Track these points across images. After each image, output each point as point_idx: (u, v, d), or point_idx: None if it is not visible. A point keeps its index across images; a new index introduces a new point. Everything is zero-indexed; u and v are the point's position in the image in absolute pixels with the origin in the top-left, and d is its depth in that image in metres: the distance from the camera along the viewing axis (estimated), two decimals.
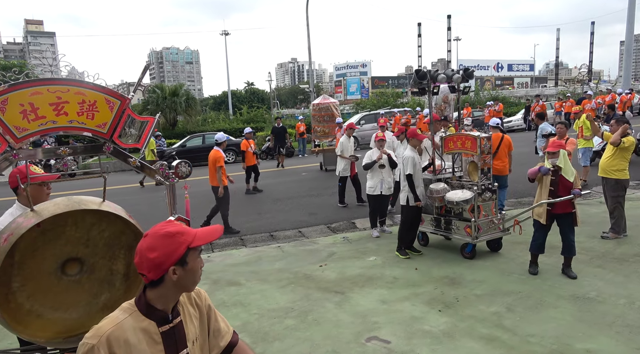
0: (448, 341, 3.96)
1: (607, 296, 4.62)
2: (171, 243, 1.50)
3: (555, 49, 61.66)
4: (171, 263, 1.49)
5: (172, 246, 1.50)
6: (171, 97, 26.32)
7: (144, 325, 1.53)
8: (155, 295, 1.54)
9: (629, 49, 25.99)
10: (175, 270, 1.50)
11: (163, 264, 1.49)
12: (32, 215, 2.39)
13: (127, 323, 1.51)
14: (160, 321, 1.56)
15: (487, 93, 34.44)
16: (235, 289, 5.49)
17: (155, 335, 1.54)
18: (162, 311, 1.56)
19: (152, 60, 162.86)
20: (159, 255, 1.48)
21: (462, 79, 6.47)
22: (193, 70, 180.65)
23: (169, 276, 1.50)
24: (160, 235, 1.51)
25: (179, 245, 1.50)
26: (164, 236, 1.51)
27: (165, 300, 1.56)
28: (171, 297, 1.57)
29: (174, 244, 1.50)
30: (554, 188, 5.17)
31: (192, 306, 1.71)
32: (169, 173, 2.88)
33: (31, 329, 2.47)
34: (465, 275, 5.43)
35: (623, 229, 6.43)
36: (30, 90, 2.49)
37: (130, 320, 1.52)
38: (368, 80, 73.17)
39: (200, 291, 1.76)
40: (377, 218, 7.55)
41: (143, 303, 1.55)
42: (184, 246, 1.50)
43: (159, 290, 1.53)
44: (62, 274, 2.53)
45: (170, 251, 1.49)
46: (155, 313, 1.55)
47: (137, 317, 1.53)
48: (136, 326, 1.51)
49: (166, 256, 1.49)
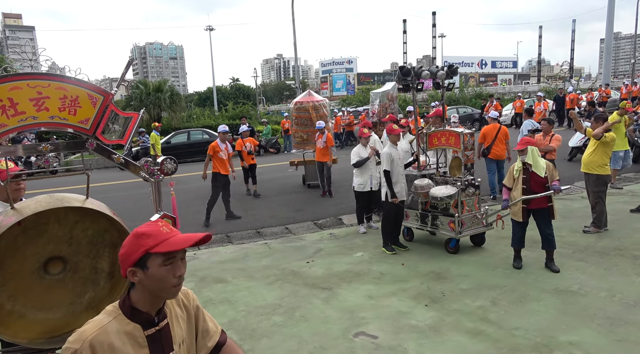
0: (435, 335, 4.00)
1: (589, 289, 4.72)
2: (134, 244, 1.48)
3: (537, 46, 62.61)
4: (129, 264, 1.47)
5: (133, 247, 1.47)
6: (155, 93, 25.98)
7: (129, 329, 1.50)
8: (137, 297, 1.52)
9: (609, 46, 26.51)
10: (135, 272, 1.47)
11: (123, 262, 1.48)
12: (13, 213, 2.33)
13: (111, 326, 1.47)
14: (146, 324, 1.53)
15: (471, 89, 34.79)
16: (222, 286, 5.46)
17: (140, 339, 1.51)
18: (147, 313, 1.53)
19: (135, 56, 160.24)
20: (122, 253, 1.49)
21: (446, 76, 6.51)
22: (177, 66, 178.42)
23: (130, 277, 1.49)
24: (132, 234, 1.50)
25: (139, 247, 1.46)
26: (133, 235, 1.50)
27: (147, 303, 1.53)
28: (151, 300, 1.53)
29: (135, 245, 1.47)
30: (526, 186, 5.24)
31: (180, 307, 1.68)
32: (154, 170, 2.83)
33: (13, 329, 2.41)
34: (451, 270, 5.49)
35: (604, 223, 6.57)
36: (9, 85, 2.42)
37: (114, 323, 1.48)
38: (354, 77, 73.33)
39: (187, 291, 1.73)
40: (363, 214, 7.57)
41: (127, 305, 1.52)
42: (142, 250, 1.46)
43: (136, 291, 1.52)
44: (44, 273, 2.48)
45: (130, 251, 1.48)
46: (140, 316, 1.52)
47: (121, 320, 1.50)
48: (121, 330, 1.48)
49: (126, 256, 1.48)
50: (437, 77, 6.45)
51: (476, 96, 31.27)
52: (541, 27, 62.28)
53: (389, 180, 6.16)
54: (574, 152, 12.08)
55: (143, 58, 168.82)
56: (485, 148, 8.90)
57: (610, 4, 24.00)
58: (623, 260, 5.43)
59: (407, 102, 26.61)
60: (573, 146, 12.05)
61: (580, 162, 6.97)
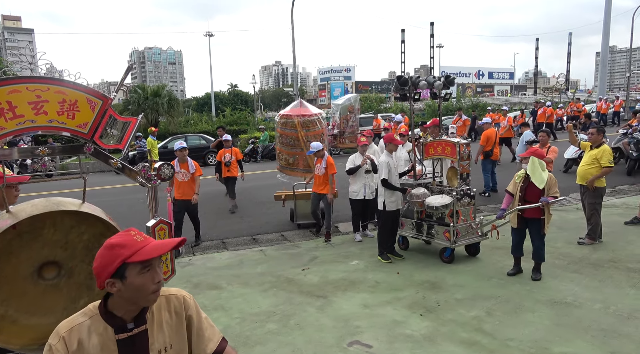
0: (429, 345, 3.99)
1: (583, 300, 4.73)
2: (108, 256, 1.48)
3: (534, 58, 63.20)
4: (106, 276, 1.47)
5: (108, 259, 1.47)
6: (153, 98, 25.99)
7: (101, 330, 1.52)
8: (113, 302, 1.53)
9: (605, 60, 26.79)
10: (114, 283, 1.48)
11: (99, 275, 1.48)
12: (8, 216, 2.32)
13: (85, 325, 1.51)
14: (118, 329, 1.53)
15: (468, 100, 35.00)
16: (216, 293, 5.43)
17: (110, 342, 1.52)
18: (121, 318, 1.54)
19: (133, 60, 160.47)
20: (97, 266, 1.49)
21: (444, 86, 6.56)
22: (176, 71, 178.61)
23: (108, 289, 1.49)
24: (104, 246, 1.50)
25: (115, 257, 1.47)
26: (105, 247, 1.50)
27: (122, 309, 1.54)
28: (127, 307, 1.54)
29: (110, 257, 1.47)
30: (522, 194, 5.41)
31: (169, 313, 1.65)
32: (150, 175, 2.83)
33: (5, 335, 2.39)
34: (446, 280, 5.48)
35: (599, 235, 6.59)
36: (8, 88, 2.42)
37: (89, 323, 1.51)
38: (352, 85, 73.57)
39: (185, 298, 1.71)
40: (359, 222, 7.57)
41: (102, 309, 1.54)
42: (119, 260, 1.46)
43: (113, 298, 1.53)
44: (38, 278, 2.47)
45: (105, 263, 1.47)
46: (113, 319, 1.53)
47: (97, 321, 1.52)
48: (93, 330, 1.51)
49: (101, 268, 1.48)
50: (434, 87, 6.50)
51: (473, 106, 31.45)
52: (538, 40, 63.02)
53: (390, 185, 6.17)
54: (570, 164, 12.15)
55: (142, 62, 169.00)
56: (489, 150, 10.04)
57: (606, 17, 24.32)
58: (617, 272, 5.45)
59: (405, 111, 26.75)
60: (568, 158, 12.13)
61: (575, 174, 7.01)
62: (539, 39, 62.75)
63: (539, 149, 5.80)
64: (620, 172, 11.80)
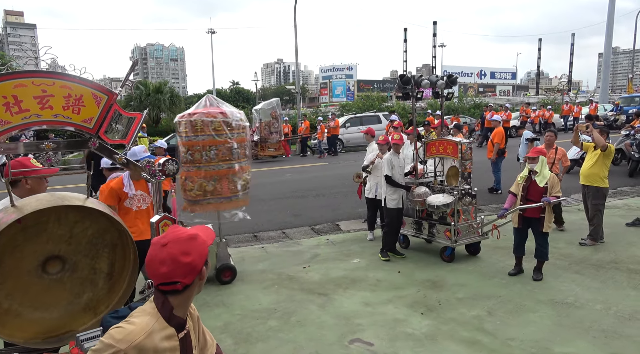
0: (430, 344, 3.99)
1: (584, 301, 4.73)
2: (199, 245, 1.50)
3: (536, 59, 63.09)
4: (203, 263, 1.51)
5: (201, 247, 1.50)
6: (155, 94, 26.03)
7: (168, 332, 1.51)
8: (179, 302, 1.52)
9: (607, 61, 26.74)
10: (204, 269, 1.53)
11: (198, 266, 1.49)
12: (13, 211, 2.32)
13: (155, 329, 1.47)
14: (178, 328, 1.54)
15: (470, 99, 34.96)
16: (217, 289, 5.44)
17: (175, 342, 1.52)
18: (180, 317, 1.55)
19: (135, 56, 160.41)
20: (195, 258, 1.48)
21: (446, 85, 6.55)
22: (178, 68, 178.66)
23: (199, 277, 1.52)
24: (186, 239, 1.50)
25: (204, 244, 1.51)
26: (189, 239, 1.50)
27: (186, 306, 1.56)
28: (190, 301, 1.58)
29: (201, 245, 1.51)
30: (525, 193, 5.42)
31: (188, 317, 1.68)
32: (155, 171, 2.83)
33: (9, 329, 2.40)
34: (447, 278, 5.49)
35: (600, 236, 6.59)
36: (13, 83, 2.42)
37: (157, 326, 1.48)
38: (354, 83, 73.52)
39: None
40: (373, 221, 7.42)
41: (168, 309, 1.51)
42: (207, 246, 1.53)
43: (185, 294, 1.52)
44: (42, 272, 2.47)
45: (201, 252, 1.50)
46: (175, 320, 1.53)
47: (162, 323, 1.50)
48: (162, 334, 1.49)
49: (200, 257, 1.50)
50: (436, 86, 6.49)
51: (475, 106, 31.41)
52: (540, 40, 62.88)
53: (393, 182, 6.17)
54: (572, 165, 12.13)
55: (144, 59, 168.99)
56: (503, 148, 10.38)
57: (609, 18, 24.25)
58: (618, 273, 5.45)
59: (407, 110, 26.73)
60: (571, 158, 12.11)
61: (577, 174, 7.00)
62: (541, 39, 62.65)
63: (544, 149, 5.81)
64: (622, 173, 11.80)
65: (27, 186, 2.71)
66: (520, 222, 5.45)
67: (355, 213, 8.85)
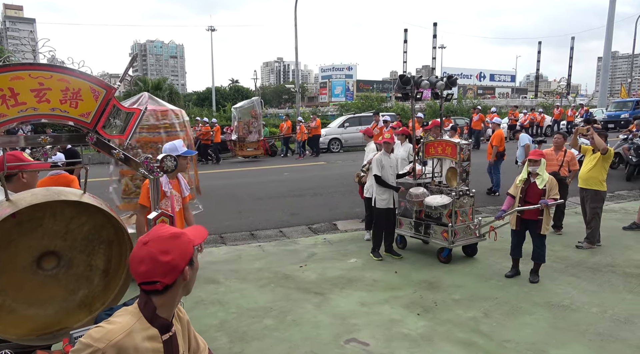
0: (426, 344, 3.99)
1: (580, 304, 4.73)
2: (181, 244, 1.47)
3: (536, 62, 63.17)
4: (185, 263, 1.47)
5: (183, 246, 1.47)
6: (154, 91, 25.92)
7: (150, 333, 1.47)
8: (163, 302, 1.49)
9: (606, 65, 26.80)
10: (187, 270, 1.49)
11: (179, 265, 1.45)
12: (8, 205, 2.30)
13: (136, 329, 1.44)
14: (163, 329, 1.51)
15: (469, 101, 34.97)
16: (214, 287, 5.42)
17: (158, 344, 1.49)
18: (164, 318, 1.52)
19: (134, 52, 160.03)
20: (175, 257, 1.44)
21: (445, 86, 6.54)
22: (177, 65, 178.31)
23: (182, 278, 1.48)
24: (167, 238, 1.46)
25: (188, 243, 1.48)
26: (171, 238, 1.46)
27: (171, 307, 1.53)
28: (175, 302, 1.54)
29: (184, 244, 1.47)
30: (523, 195, 5.41)
31: (176, 320, 1.66)
32: (153, 167, 2.81)
33: (2, 325, 2.38)
34: (444, 280, 5.48)
35: (597, 239, 6.60)
36: (10, 75, 2.39)
37: (138, 326, 1.45)
38: (353, 83, 73.52)
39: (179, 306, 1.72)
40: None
41: (150, 309, 1.47)
42: (192, 245, 1.49)
43: (168, 295, 1.48)
44: (37, 268, 2.45)
45: (183, 251, 1.46)
46: (158, 321, 1.50)
47: (143, 323, 1.47)
48: (144, 334, 1.45)
49: (181, 257, 1.45)
50: (436, 87, 6.48)
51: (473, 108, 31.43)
52: (540, 43, 62.94)
53: (382, 182, 6.16)
54: None
55: (143, 55, 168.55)
56: (503, 151, 10.36)
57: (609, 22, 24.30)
58: (615, 277, 5.45)
59: (406, 110, 26.73)
60: None
61: (575, 178, 7.00)
62: (541, 42, 62.68)
63: (542, 151, 5.80)
64: (619, 177, 11.82)
65: (23, 181, 2.69)
66: (517, 224, 5.45)
67: (353, 212, 8.85)
